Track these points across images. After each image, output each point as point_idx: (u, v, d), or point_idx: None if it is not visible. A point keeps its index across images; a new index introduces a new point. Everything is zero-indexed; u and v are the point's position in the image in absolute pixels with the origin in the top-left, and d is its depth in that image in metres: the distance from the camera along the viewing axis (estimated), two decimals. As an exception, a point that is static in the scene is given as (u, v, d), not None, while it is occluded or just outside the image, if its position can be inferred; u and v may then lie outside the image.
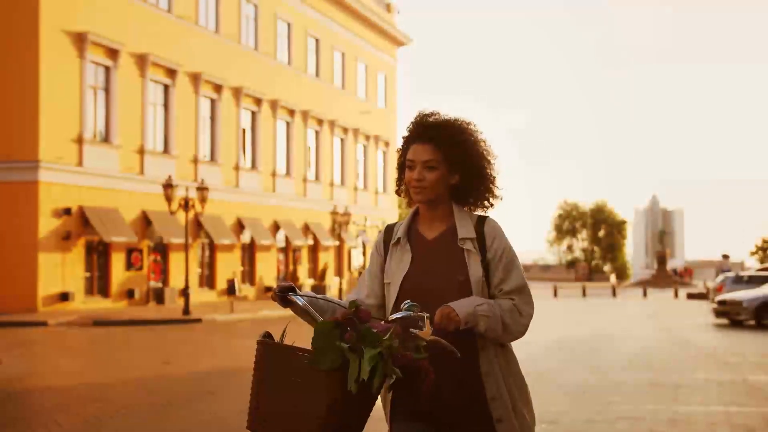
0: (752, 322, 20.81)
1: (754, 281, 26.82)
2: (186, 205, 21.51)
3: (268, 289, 31.51)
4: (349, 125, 38.19)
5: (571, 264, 79.35)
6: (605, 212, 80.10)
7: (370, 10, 39.51)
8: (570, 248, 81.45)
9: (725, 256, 55.01)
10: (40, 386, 9.87)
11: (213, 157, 28.76)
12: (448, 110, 2.64)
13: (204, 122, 28.36)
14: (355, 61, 39.27)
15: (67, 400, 8.70)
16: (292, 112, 33.51)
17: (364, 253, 40.03)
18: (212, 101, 28.75)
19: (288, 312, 2.50)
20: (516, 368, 2.61)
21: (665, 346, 15.19)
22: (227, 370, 11.22)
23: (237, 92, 29.79)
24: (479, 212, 2.70)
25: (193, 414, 7.88)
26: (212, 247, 28.56)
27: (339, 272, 36.52)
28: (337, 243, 36.04)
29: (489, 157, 2.66)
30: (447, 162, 2.58)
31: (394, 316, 2.29)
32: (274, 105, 32.13)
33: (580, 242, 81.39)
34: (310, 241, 34.56)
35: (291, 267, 33.09)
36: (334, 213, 30.89)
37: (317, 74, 35.88)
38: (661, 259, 64.33)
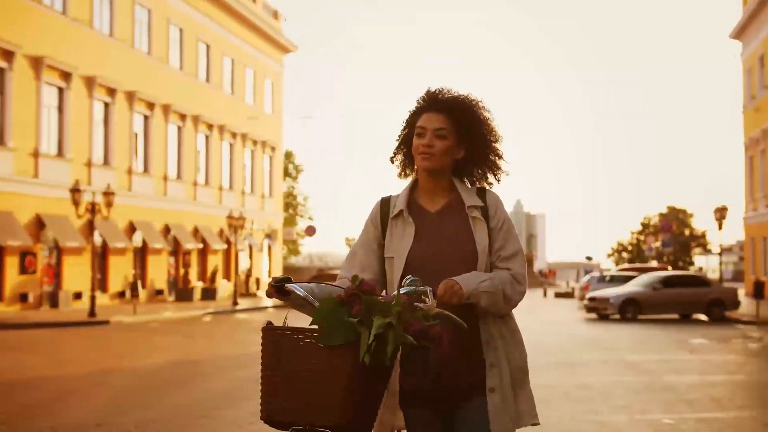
0: (617, 316, 23.42)
1: (616, 280, 30.14)
2: (93, 209, 21.67)
3: (159, 292, 31.68)
4: (237, 130, 38.76)
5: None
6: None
7: (258, 17, 40.26)
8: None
9: (589, 258, 59.50)
10: (27, 378, 10.11)
11: (107, 161, 28.71)
12: (329, 115, 2.92)
13: (98, 126, 28.27)
14: (244, 67, 39.89)
15: (72, 387, 9.18)
16: (183, 117, 33.78)
17: (250, 256, 40.64)
18: (106, 105, 28.72)
19: (196, 311, 3.02)
20: (518, 337, 2.66)
21: (552, 336, 17.13)
22: (185, 362, 11.96)
23: (130, 96, 29.85)
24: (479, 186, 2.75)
25: (198, 389, 8.67)
26: (105, 251, 28.49)
27: (227, 275, 37.01)
28: (225, 246, 36.54)
29: (496, 135, 2.72)
30: (457, 133, 2.62)
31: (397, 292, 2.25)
32: (166, 109, 32.32)
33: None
34: (200, 245, 34.90)
35: (182, 270, 33.33)
36: (229, 217, 31.43)
37: (207, 79, 36.28)
38: (529, 261, 68.33)
